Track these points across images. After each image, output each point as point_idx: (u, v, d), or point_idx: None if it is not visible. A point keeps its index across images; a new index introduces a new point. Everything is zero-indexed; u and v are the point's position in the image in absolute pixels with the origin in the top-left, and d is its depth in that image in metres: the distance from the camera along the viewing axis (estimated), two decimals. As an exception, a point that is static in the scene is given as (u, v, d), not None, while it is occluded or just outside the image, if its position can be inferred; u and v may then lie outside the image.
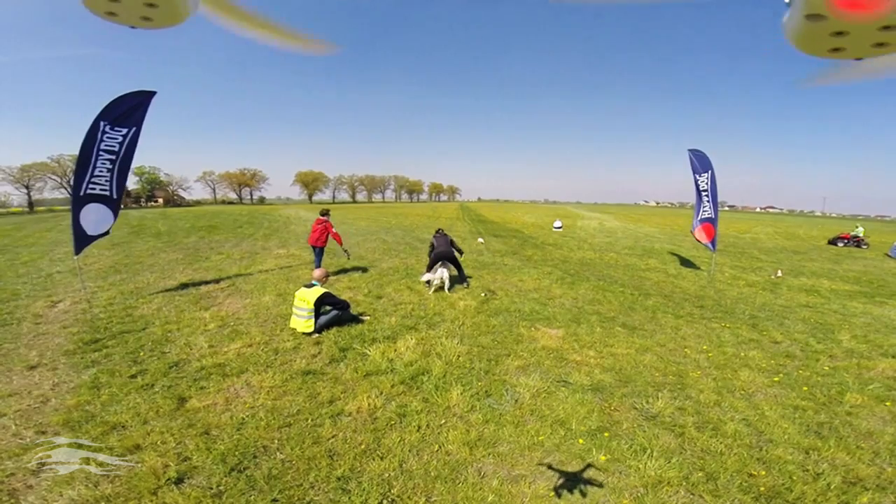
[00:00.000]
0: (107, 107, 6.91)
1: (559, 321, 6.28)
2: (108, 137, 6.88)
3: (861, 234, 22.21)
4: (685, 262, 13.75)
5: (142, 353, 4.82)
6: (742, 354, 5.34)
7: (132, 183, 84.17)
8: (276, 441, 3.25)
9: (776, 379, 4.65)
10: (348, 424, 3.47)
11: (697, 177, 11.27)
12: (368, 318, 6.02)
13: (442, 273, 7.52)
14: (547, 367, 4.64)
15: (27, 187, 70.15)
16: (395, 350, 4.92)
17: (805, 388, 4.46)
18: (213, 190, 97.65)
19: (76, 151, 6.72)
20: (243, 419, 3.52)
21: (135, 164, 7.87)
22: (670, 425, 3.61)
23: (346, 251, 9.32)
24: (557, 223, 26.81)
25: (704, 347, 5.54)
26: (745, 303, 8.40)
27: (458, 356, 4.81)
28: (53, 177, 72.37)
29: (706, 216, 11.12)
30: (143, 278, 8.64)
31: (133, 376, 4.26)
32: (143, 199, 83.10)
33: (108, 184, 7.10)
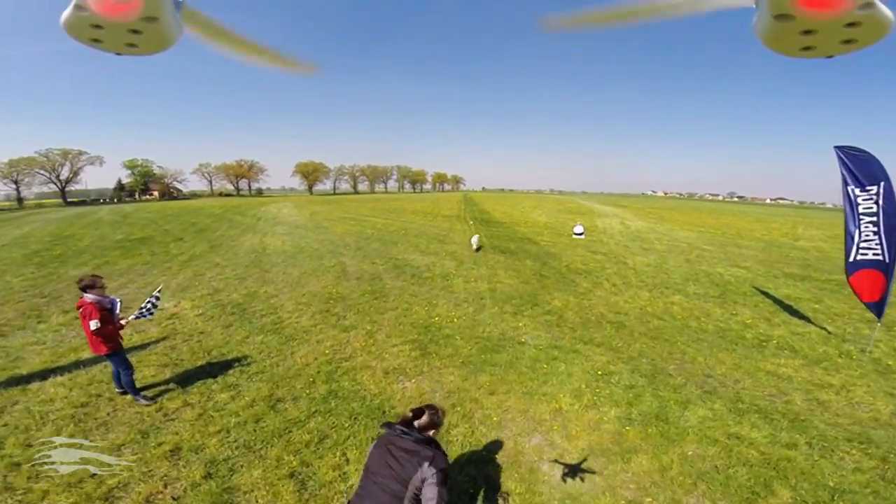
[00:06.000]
0: None
1: None
2: None
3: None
4: (795, 313, 8.96)
5: None
6: None
7: (124, 176, 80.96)
8: None
9: None
10: None
11: (856, 191, 6.52)
12: None
13: None
14: None
15: (16, 182, 67.55)
16: None
17: None
18: (210, 182, 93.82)
19: (66, 145, 4.20)
20: None
21: (127, 157, 4.77)
22: None
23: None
24: (578, 228, 21.99)
25: None
26: None
27: None
28: (42, 171, 70.15)
29: (871, 258, 6.43)
30: None
31: None
32: (137, 193, 79.64)
33: None
